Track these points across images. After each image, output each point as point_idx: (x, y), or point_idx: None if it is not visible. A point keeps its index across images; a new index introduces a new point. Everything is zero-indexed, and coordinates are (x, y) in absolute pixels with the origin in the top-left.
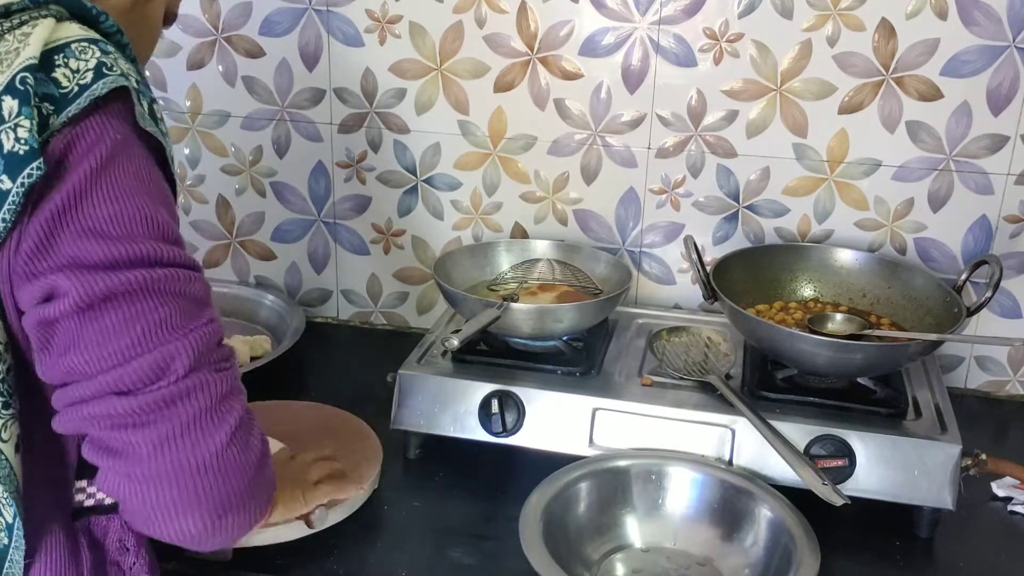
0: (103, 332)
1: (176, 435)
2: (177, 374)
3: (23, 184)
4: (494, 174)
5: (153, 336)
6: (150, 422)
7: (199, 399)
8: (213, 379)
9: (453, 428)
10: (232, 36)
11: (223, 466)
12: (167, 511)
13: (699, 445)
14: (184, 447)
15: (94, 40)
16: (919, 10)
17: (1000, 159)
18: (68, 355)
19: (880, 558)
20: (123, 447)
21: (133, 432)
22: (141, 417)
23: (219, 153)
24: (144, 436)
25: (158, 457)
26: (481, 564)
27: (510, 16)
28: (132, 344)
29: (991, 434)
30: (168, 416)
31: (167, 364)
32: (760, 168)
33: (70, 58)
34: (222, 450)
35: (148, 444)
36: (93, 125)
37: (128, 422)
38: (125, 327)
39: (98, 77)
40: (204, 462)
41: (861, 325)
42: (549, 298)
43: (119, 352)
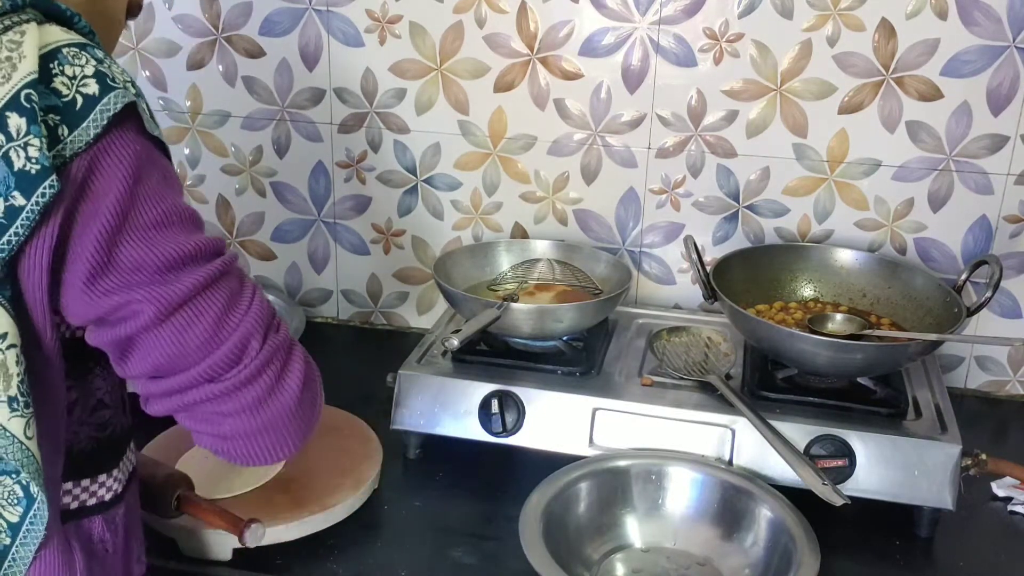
0: (179, 330)
1: (265, 397)
2: (255, 351)
3: (38, 202)
4: (494, 174)
5: (224, 325)
6: (242, 395)
7: (276, 363)
8: (279, 340)
9: (453, 428)
10: (232, 36)
11: (302, 404)
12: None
13: (699, 445)
14: (274, 403)
15: (81, 45)
16: (919, 10)
17: (1000, 159)
18: (150, 358)
19: (880, 558)
20: (220, 417)
21: (228, 404)
22: (232, 394)
23: (219, 153)
24: (239, 405)
25: (255, 418)
26: (481, 564)
27: (510, 16)
28: (210, 335)
29: (991, 434)
30: (255, 386)
31: (244, 346)
32: (760, 168)
33: (64, 65)
34: (300, 393)
35: (244, 411)
36: (114, 142)
37: (222, 400)
38: (197, 321)
39: (105, 90)
40: (291, 409)
41: (861, 325)
42: (546, 297)
43: (200, 346)
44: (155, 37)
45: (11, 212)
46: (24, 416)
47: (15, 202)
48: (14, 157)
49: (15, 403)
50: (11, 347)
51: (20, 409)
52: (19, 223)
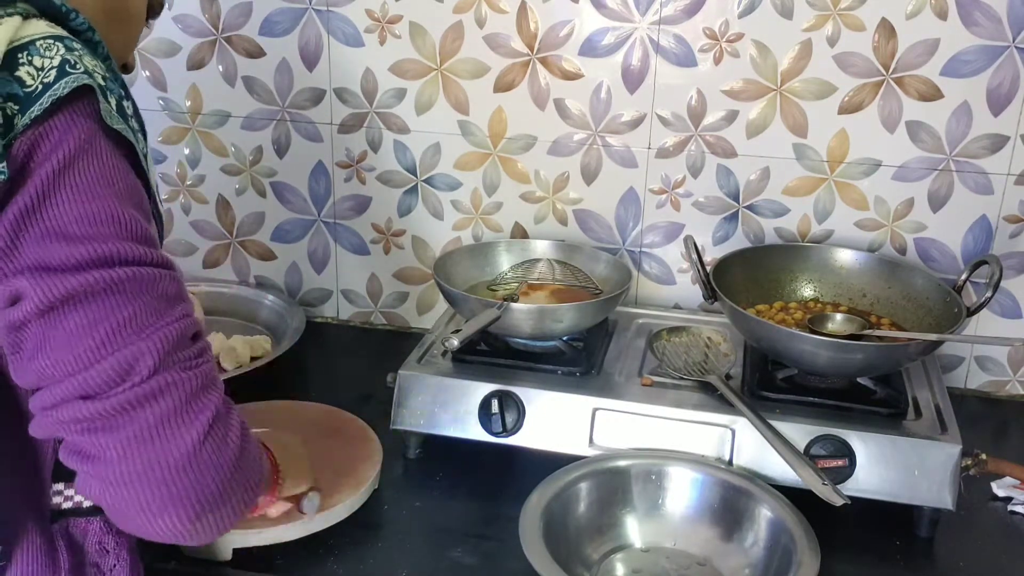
0: (68, 335)
1: (144, 437)
2: (142, 375)
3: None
4: (494, 174)
5: (116, 337)
6: (118, 425)
7: (166, 399)
8: (182, 377)
9: (453, 428)
10: (232, 36)
11: (197, 465)
12: (144, 512)
13: (699, 445)
14: (154, 448)
15: (59, 37)
16: (919, 10)
17: (1000, 159)
18: (36, 359)
19: (880, 558)
20: (94, 450)
21: (102, 435)
22: (108, 420)
23: (219, 153)
24: (113, 439)
25: (128, 459)
26: (481, 564)
27: (510, 16)
28: (96, 346)
29: (991, 434)
30: (135, 418)
31: (131, 365)
32: (760, 168)
33: (34, 56)
34: (194, 449)
35: (117, 446)
36: (56, 125)
37: (96, 425)
38: (89, 329)
39: (61, 75)
40: (176, 462)
41: (861, 325)
42: (541, 297)
43: (83, 355)
44: (155, 37)
45: None
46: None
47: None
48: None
49: None
50: None
51: None
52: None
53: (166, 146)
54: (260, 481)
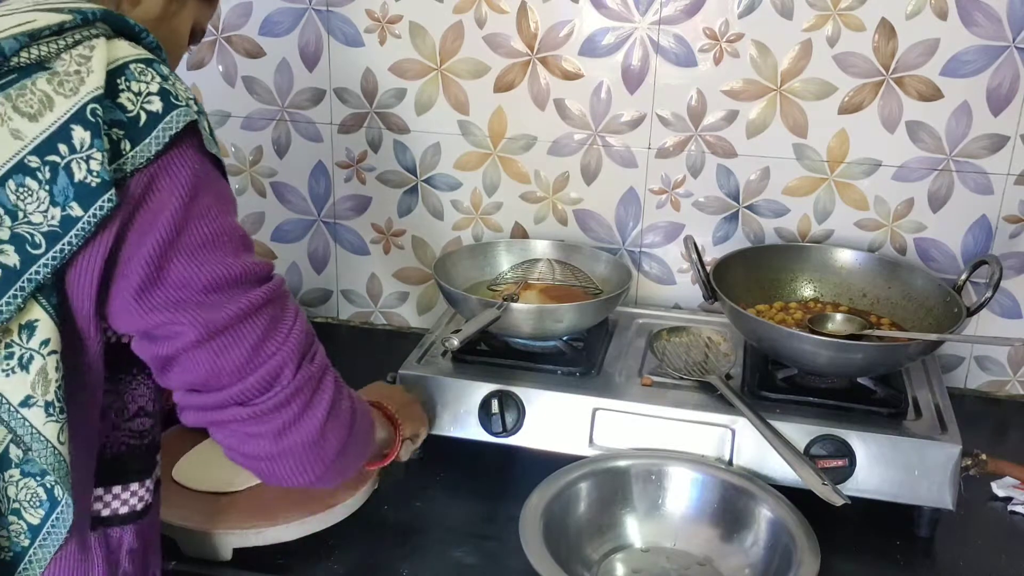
0: (217, 353)
1: (290, 424)
2: (287, 379)
3: (95, 215)
4: (494, 174)
5: (260, 351)
6: (268, 420)
7: (305, 392)
8: (312, 371)
9: (453, 428)
10: (232, 36)
11: (324, 435)
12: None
13: (699, 445)
14: (296, 433)
15: (149, 61)
16: (919, 10)
17: (1000, 159)
18: (187, 375)
19: (880, 558)
20: (245, 438)
21: (254, 427)
22: (260, 418)
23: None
24: (264, 429)
25: (277, 443)
26: (482, 564)
27: (510, 16)
28: (245, 362)
29: (991, 434)
30: (283, 413)
31: (278, 374)
32: (760, 168)
33: (131, 80)
34: (322, 426)
35: (268, 436)
36: (174, 160)
37: (249, 423)
38: (236, 345)
39: (168, 108)
40: (312, 439)
41: (861, 325)
42: (532, 296)
43: (235, 371)
44: None
45: (67, 222)
46: (59, 422)
47: (72, 212)
48: (75, 169)
49: (51, 408)
50: (52, 353)
51: (55, 415)
52: (73, 233)
53: None
54: (371, 433)
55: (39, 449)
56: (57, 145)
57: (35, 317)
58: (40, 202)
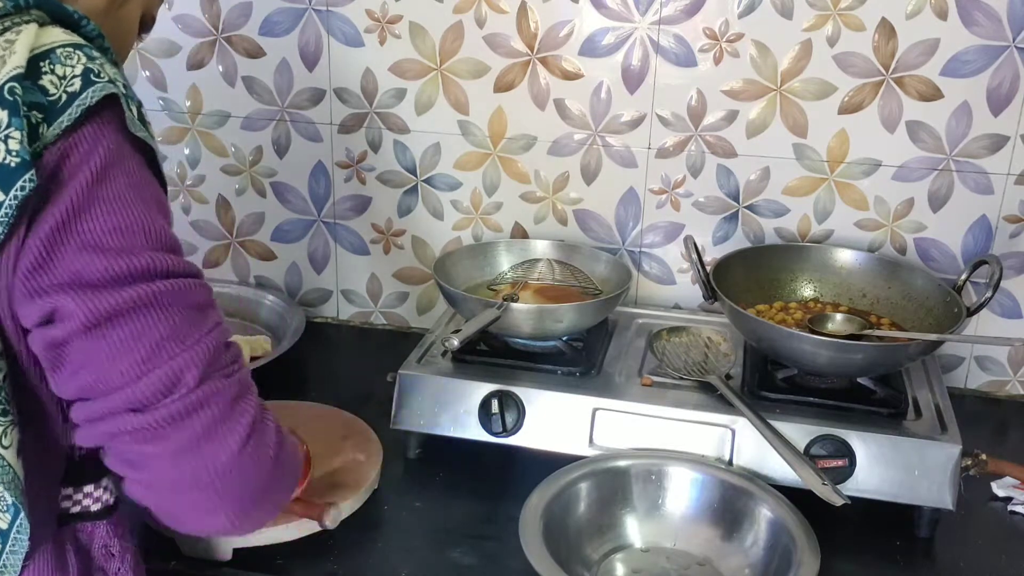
0: (112, 349)
1: (192, 445)
2: (188, 386)
3: (16, 197)
4: (494, 174)
5: (161, 351)
6: (167, 435)
7: (212, 408)
8: (223, 385)
9: (453, 428)
10: (232, 36)
11: (241, 467)
12: (196, 512)
13: (699, 445)
14: (201, 455)
15: (79, 45)
16: (919, 10)
17: (1000, 159)
18: (80, 374)
19: (880, 558)
20: (142, 459)
21: (151, 445)
22: (156, 431)
23: (219, 153)
24: (161, 448)
25: (177, 467)
26: (481, 564)
27: (510, 16)
28: (141, 360)
29: (991, 434)
30: (183, 427)
31: (178, 378)
32: (760, 168)
33: (56, 64)
34: (237, 453)
35: (166, 456)
36: (86, 136)
37: (145, 436)
38: (133, 343)
39: (87, 85)
40: (222, 467)
41: (861, 325)
42: (528, 296)
43: (129, 370)
44: (155, 37)
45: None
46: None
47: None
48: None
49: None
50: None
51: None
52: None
53: (166, 146)
54: (298, 473)
55: None
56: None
57: None
58: None
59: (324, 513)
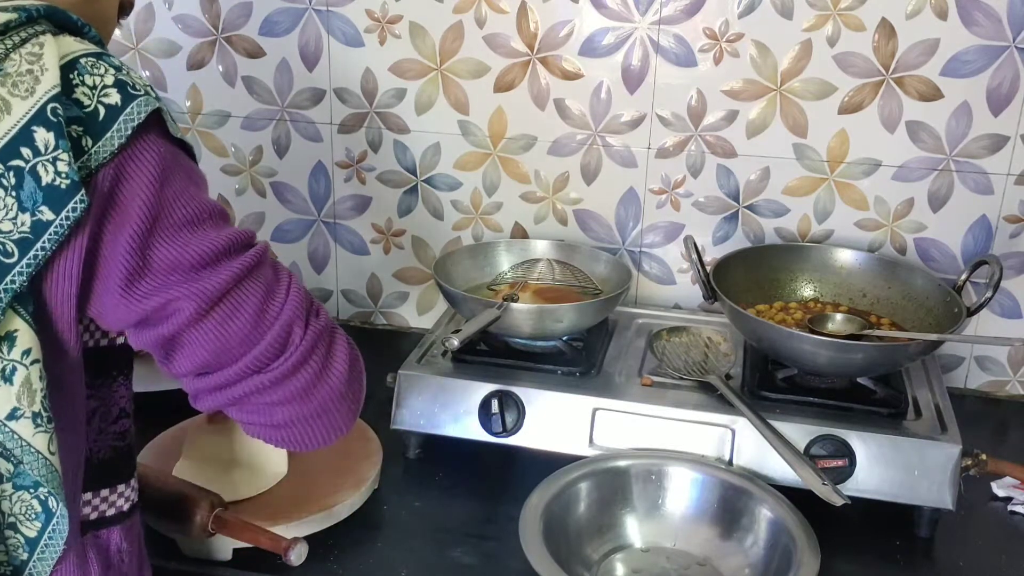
0: (222, 327)
1: (315, 382)
2: (299, 336)
3: (68, 217)
4: (494, 174)
5: (266, 314)
6: (290, 383)
7: (320, 347)
8: (320, 326)
9: (453, 428)
10: (232, 36)
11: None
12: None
13: (699, 445)
14: (321, 390)
15: (98, 54)
16: (919, 10)
17: (1000, 159)
18: (197, 355)
19: (880, 558)
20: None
21: (279, 394)
22: (281, 383)
23: (219, 153)
24: (289, 394)
25: (306, 403)
26: (481, 564)
27: (510, 16)
28: (252, 326)
29: (991, 434)
30: (304, 373)
31: (288, 334)
32: (760, 168)
33: (84, 75)
34: (346, 378)
35: (295, 398)
36: (138, 150)
37: (272, 391)
38: (240, 315)
39: (127, 99)
40: (340, 391)
41: (861, 325)
42: (526, 297)
43: (243, 339)
44: (155, 37)
45: (38, 227)
46: (48, 432)
47: (42, 217)
48: (42, 172)
49: (39, 419)
50: (35, 363)
51: (44, 424)
52: (46, 238)
53: None
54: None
55: (31, 461)
56: (20, 149)
57: (14, 328)
58: (8, 209)
59: (290, 548)
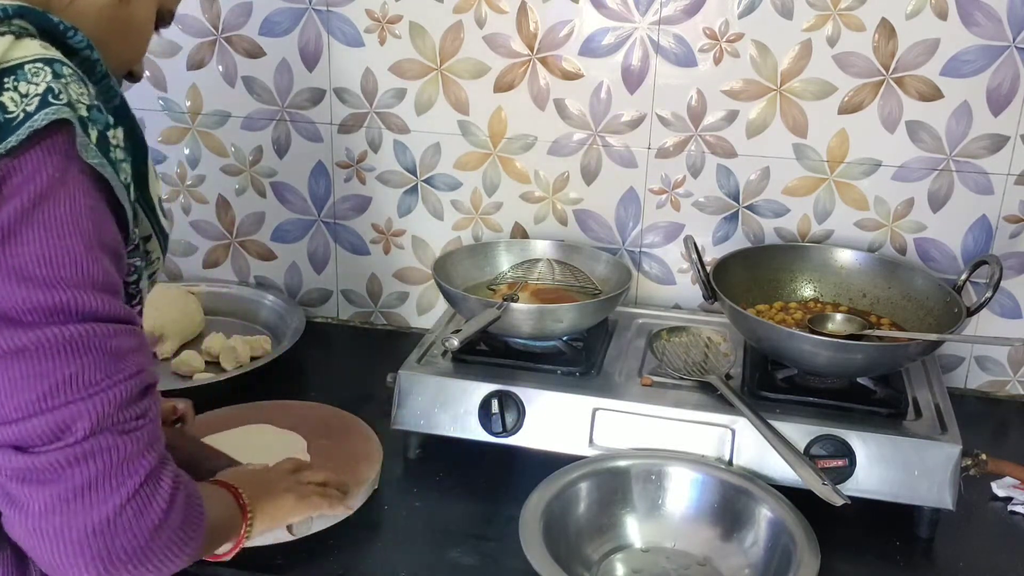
0: (11, 382)
1: (68, 497)
2: (76, 436)
3: None
4: (494, 174)
5: (58, 394)
6: (45, 481)
7: (97, 463)
8: (116, 442)
9: (453, 428)
10: (232, 36)
11: (112, 530)
12: (58, 561)
13: (699, 445)
14: (74, 510)
15: (49, 60)
16: (919, 10)
17: (1000, 159)
18: None
19: (880, 558)
20: (20, 498)
21: (30, 487)
22: (36, 475)
23: (219, 153)
24: (38, 493)
25: (48, 516)
26: (481, 564)
27: (510, 16)
28: (36, 400)
29: (991, 434)
30: (62, 478)
31: (67, 426)
32: (760, 168)
33: (20, 81)
34: (113, 516)
35: (40, 502)
36: (30, 159)
37: (25, 476)
38: (32, 381)
39: (43, 105)
40: (93, 526)
41: (861, 325)
42: (524, 298)
43: (22, 407)
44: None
45: None
46: None
47: None
48: None
49: None
50: None
51: None
52: None
53: (166, 146)
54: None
55: None
56: None
57: None
58: None
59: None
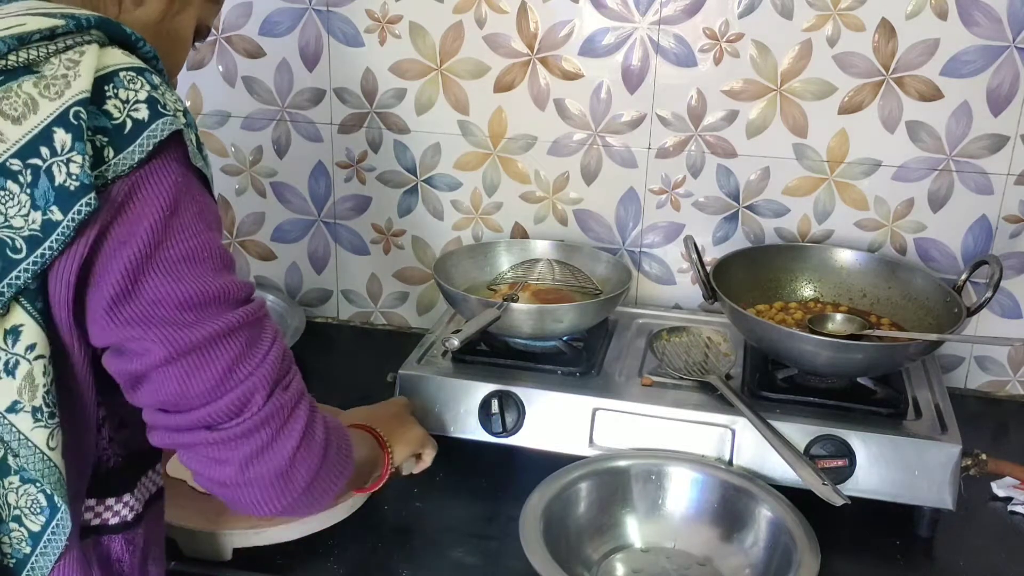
0: (187, 375)
1: (257, 453)
2: (257, 406)
3: (73, 219)
4: (494, 174)
5: (231, 376)
6: (235, 447)
7: (273, 424)
8: (283, 400)
9: (453, 428)
10: (232, 36)
11: (292, 468)
12: (254, 506)
13: (699, 445)
14: (263, 463)
15: (140, 69)
16: (919, 10)
17: (1000, 159)
18: (158, 394)
19: (880, 558)
20: (213, 464)
21: (221, 454)
22: (227, 444)
23: (219, 153)
24: (231, 456)
25: (244, 471)
26: (482, 564)
27: (510, 16)
28: (213, 387)
29: (991, 434)
30: (250, 441)
31: (248, 399)
32: (760, 168)
33: (119, 88)
34: (291, 457)
35: (235, 462)
36: (155, 169)
37: (217, 449)
38: (206, 370)
39: (155, 116)
40: (280, 470)
41: (861, 325)
42: (524, 298)
43: (203, 394)
44: None
45: (47, 226)
46: (48, 427)
47: (52, 216)
48: (56, 172)
49: (39, 413)
50: (39, 358)
51: (44, 420)
52: (54, 238)
53: None
54: (348, 461)
55: (27, 455)
56: (39, 148)
57: (19, 322)
58: (21, 206)
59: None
